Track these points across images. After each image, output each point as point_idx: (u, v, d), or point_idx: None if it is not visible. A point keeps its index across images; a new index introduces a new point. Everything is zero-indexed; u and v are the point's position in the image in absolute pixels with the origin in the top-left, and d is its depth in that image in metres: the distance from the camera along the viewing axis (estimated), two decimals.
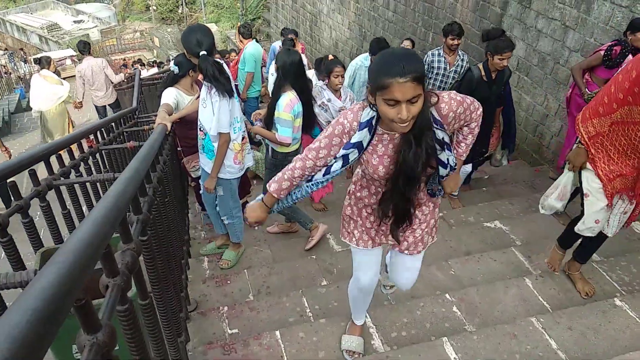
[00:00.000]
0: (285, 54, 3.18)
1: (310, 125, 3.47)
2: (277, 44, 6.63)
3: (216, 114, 2.80)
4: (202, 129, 3.01)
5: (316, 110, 3.57)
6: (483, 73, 3.60)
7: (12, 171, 1.72)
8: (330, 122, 2.38)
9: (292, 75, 3.15)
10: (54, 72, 6.57)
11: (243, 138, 3.08)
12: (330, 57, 4.18)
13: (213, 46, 2.75)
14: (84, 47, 6.88)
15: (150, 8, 30.82)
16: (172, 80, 3.34)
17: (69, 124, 6.75)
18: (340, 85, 3.91)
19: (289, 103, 3.12)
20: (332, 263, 3.28)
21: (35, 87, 6.42)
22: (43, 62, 6.56)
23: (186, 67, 3.24)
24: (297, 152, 3.36)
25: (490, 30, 3.58)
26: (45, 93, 6.34)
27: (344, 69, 4.03)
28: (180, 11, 28.32)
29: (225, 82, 2.73)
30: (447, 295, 2.74)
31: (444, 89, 4.11)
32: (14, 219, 1.77)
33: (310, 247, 3.53)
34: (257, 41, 6.16)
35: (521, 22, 5.06)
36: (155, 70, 13.08)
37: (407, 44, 5.37)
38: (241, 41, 5.97)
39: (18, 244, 1.75)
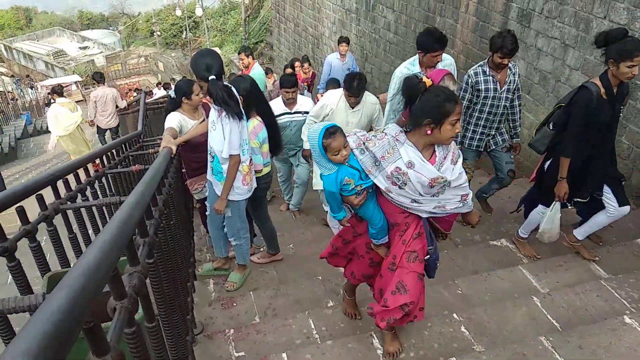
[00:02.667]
0: (240, 80, 3.19)
1: (277, 148, 3.46)
2: (333, 56, 7.22)
3: (227, 136, 2.83)
4: (210, 152, 3.02)
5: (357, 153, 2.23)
6: (602, 90, 2.82)
7: (20, 196, 1.74)
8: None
9: (254, 100, 3.18)
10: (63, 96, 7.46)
11: (250, 160, 3.10)
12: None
13: (222, 70, 2.78)
14: (100, 77, 8.15)
15: (155, 33, 31.35)
16: (175, 104, 3.38)
17: (84, 139, 7.72)
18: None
19: (253, 130, 3.16)
20: (338, 284, 3.26)
21: (54, 117, 7.24)
22: (57, 91, 7.46)
23: (180, 93, 3.29)
24: (269, 175, 3.41)
25: (610, 31, 2.74)
26: (64, 123, 7.22)
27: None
28: (184, 36, 28.78)
29: (235, 105, 2.77)
30: (454, 315, 2.71)
31: (494, 115, 3.65)
32: (20, 243, 1.78)
33: (257, 261, 3.75)
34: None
35: (521, 42, 5.10)
36: (163, 92, 13.25)
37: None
38: (242, 60, 6.13)
39: (24, 268, 1.76)
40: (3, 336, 1.56)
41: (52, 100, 7.61)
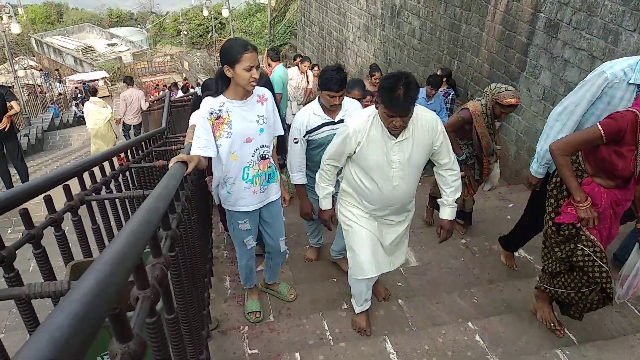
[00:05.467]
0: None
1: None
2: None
3: (275, 116, 2.64)
4: (267, 156, 2.59)
5: None
6: None
7: (48, 185, 1.79)
8: None
9: None
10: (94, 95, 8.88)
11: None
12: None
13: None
14: (131, 81, 9.71)
15: (181, 33, 31.79)
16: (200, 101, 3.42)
17: (112, 131, 8.77)
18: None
19: None
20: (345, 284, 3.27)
21: (87, 112, 8.52)
22: (91, 91, 9.28)
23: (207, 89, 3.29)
24: None
25: None
26: (96, 116, 8.40)
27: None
28: (210, 36, 29.12)
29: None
30: (469, 324, 2.70)
31: None
32: (45, 232, 1.83)
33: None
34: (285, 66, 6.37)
35: (547, 52, 5.06)
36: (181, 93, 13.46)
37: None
38: (269, 64, 6.15)
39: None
40: (27, 321, 1.61)
41: (79, 95, 9.14)
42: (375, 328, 2.81)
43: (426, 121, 2.30)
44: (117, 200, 2.63)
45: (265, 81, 3.13)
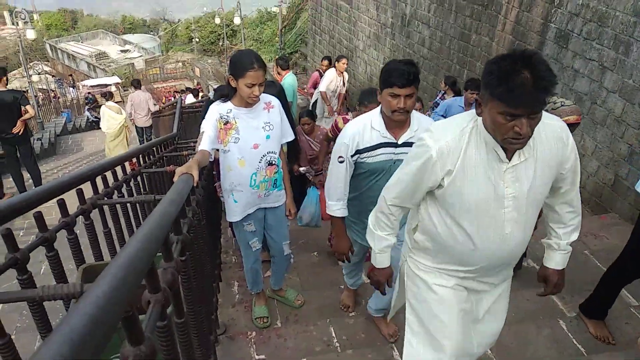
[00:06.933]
0: (269, 85, 2.94)
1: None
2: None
3: (283, 121, 2.66)
4: (273, 162, 2.62)
5: None
6: None
7: (62, 189, 1.83)
8: None
9: None
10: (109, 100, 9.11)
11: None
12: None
13: None
14: (138, 84, 10.03)
15: (193, 40, 32.09)
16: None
17: (126, 139, 9.09)
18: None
19: None
20: (359, 294, 3.27)
21: (103, 115, 8.83)
22: (107, 96, 9.40)
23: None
24: None
25: None
26: (109, 122, 8.71)
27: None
28: (221, 44, 29.38)
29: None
30: None
31: None
32: (58, 235, 1.86)
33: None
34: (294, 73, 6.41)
35: (557, 62, 5.05)
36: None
37: None
38: (279, 73, 6.19)
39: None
40: (39, 323, 1.64)
41: (90, 98, 9.31)
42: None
43: (552, 130, 1.52)
44: (128, 204, 2.66)
45: (278, 90, 3.13)
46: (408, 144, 2.16)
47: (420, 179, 1.57)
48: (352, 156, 2.25)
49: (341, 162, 2.26)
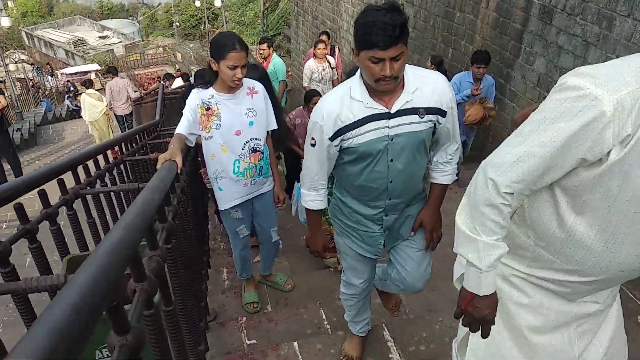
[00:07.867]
0: (253, 69, 2.81)
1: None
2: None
3: (268, 110, 2.60)
4: (258, 149, 2.57)
5: None
6: None
7: (43, 179, 1.78)
8: None
9: None
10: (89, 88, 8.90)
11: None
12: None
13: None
14: (115, 71, 9.55)
15: (174, 24, 31.54)
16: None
17: (109, 127, 9.05)
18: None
19: None
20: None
21: (84, 104, 8.74)
22: (87, 83, 9.19)
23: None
24: None
25: None
26: (91, 110, 8.64)
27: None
28: (202, 27, 28.92)
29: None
30: None
31: None
32: (40, 226, 1.82)
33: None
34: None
35: (542, 39, 5.05)
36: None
37: None
38: (263, 56, 6.12)
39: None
40: (24, 316, 1.61)
41: (71, 88, 9.22)
42: (373, 316, 2.82)
43: None
44: (112, 193, 2.62)
45: (260, 75, 3.03)
46: (407, 112, 1.64)
47: (574, 149, 0.98)
48: (332, 140, 1.69)
49: (313, 145, 1.76)
